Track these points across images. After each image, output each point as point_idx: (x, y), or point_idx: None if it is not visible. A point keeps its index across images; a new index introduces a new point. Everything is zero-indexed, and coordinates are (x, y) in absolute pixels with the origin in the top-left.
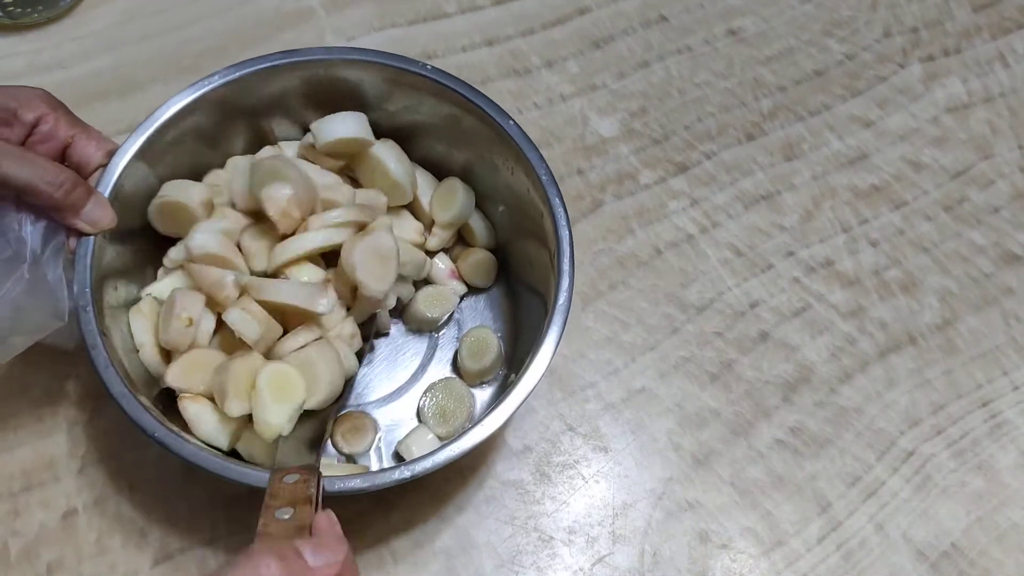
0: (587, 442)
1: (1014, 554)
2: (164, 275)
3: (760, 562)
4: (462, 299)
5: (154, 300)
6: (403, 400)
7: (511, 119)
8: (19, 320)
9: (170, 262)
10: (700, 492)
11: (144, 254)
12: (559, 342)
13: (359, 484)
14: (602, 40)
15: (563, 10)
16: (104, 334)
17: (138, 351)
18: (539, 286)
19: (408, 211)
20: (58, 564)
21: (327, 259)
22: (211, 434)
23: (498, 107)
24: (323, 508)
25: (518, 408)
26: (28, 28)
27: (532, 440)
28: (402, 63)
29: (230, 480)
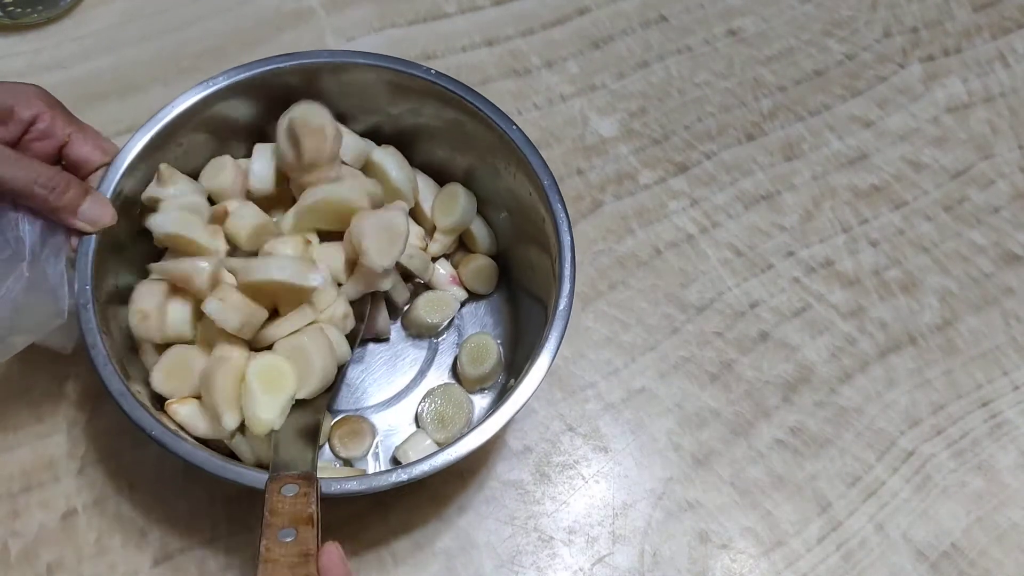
0: (587, 442)
1: (1014, 554)
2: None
3: (760, 562)
4: (462, 305)
5: None
6: (402, 405)
7: (515, 124)
8: (19, 319)
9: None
10: (700, 492)
11: (146, 253)
12: (559, 348)
13: (356, 487)
14: (602, 40)
15: (563, 10)
16: (104, 332)
17: (137, 350)
18: (540, 292)
19: (410, 217)
20: (58, 564)
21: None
22: (207, 434)
23: (501, 112)
24: (323, 507)
25: (516, 413)
26: (28, 28)
27: (532, 440)
28: (406, 67)
29: (227, 480)
